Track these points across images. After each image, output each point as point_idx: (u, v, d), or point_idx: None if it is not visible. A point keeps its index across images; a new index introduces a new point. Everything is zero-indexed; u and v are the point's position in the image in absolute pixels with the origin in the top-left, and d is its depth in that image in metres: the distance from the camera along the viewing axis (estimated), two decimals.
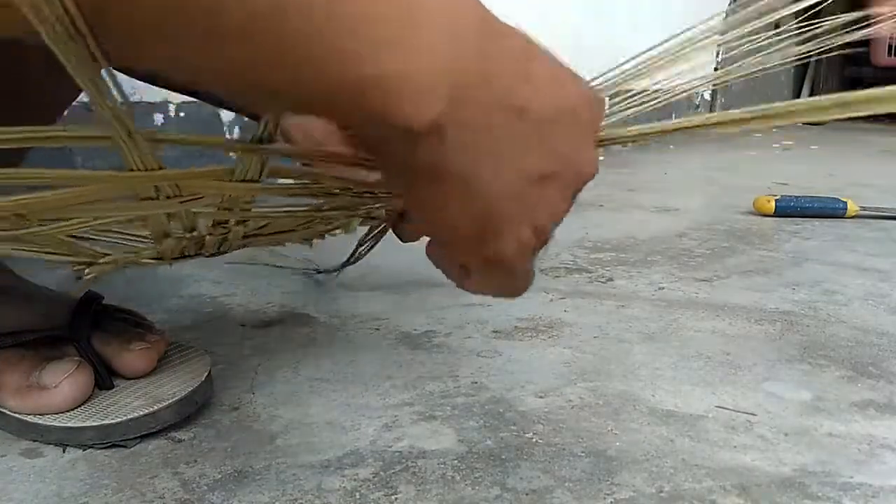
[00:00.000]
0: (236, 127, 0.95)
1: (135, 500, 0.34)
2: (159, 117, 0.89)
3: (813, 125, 2.28)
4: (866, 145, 1.82)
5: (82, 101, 0.40)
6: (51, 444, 0.39)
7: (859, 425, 0.42)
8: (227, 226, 0.37)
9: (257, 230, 0.39)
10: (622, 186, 1.19)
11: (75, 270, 0.39)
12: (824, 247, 0.82)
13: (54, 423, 0.38)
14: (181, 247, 0.37)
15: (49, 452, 0.38)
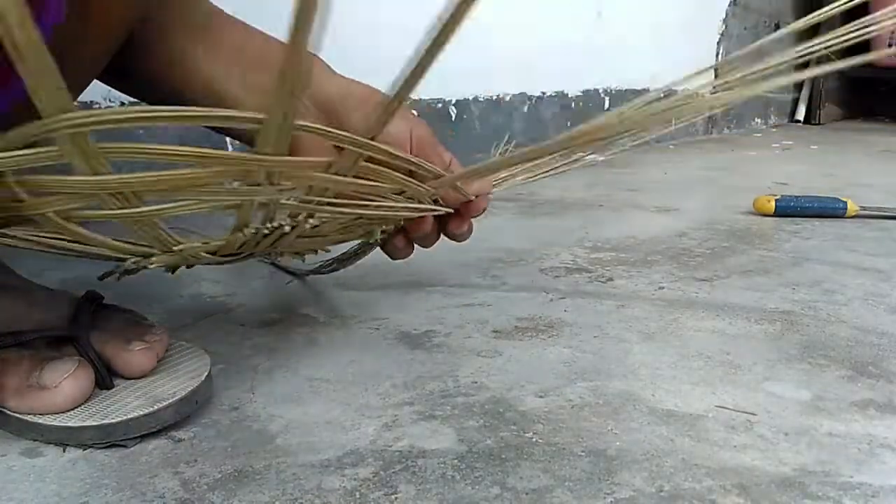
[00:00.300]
0: None
1: (135, 500, 0.34)
2: None
3: (813, 125, 2.28)
4: (866, 145, 1.82)
5: None
6: (51, 443, 0.39)
7: (859, 425, 0.42)
8: (296, 220, 0.38)
9: (310, 232, 0.40)
10: (622, 186, 1.19)
11: (134, 262, 0.41)
12: (824, 247, 0.82)
13: (54, 423, 0.38)
14: (247, 240, 0.39)
15: (49, 452, 0.38)
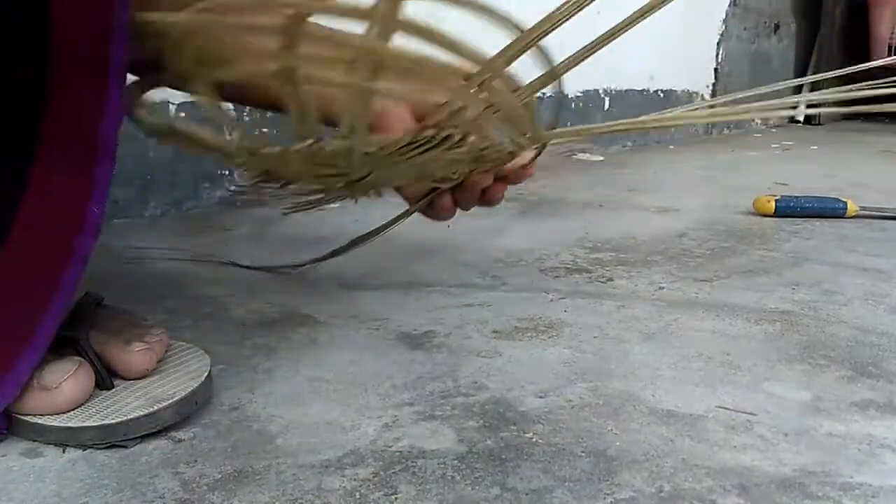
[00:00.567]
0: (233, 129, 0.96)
1: (135, 500, 0.34)
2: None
3: (813, 125, 2.28)
4: (866, 145, 1.83)
5: None
6: (51, 444, 0.39)
7: (859, 425, 0.42)
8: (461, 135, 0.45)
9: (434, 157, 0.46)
10: (622, 186, 1.19)
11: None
12: (824, 247, 0.82)
13: (54, 424, 0.38)
14: (418, 141, 0.44)
15: (49, 452, 0.38)
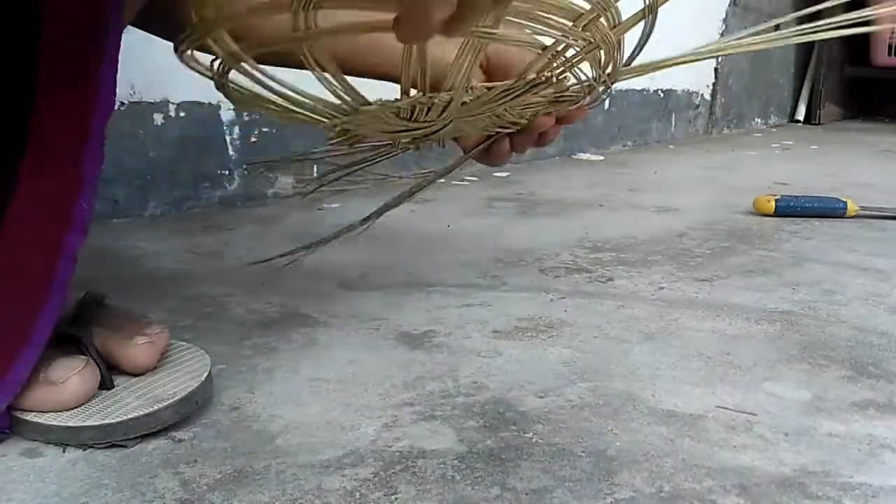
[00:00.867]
0: (235, 127, 0.95)
1: (135, 500, 0.34)
2: (159, 117, 0.89)
3: (813, 125, 2.28)
4: (866, 145, 1.83)
5: None
6: (51, 443, 0.39)
7: (859, 425, 0.42)
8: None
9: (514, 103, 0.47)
10: (622, 186, 1.19)
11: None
12: (824, 247, 0.82)
13: (54, 423, 0.38)
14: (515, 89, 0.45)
15: (49, 452, 0.38)
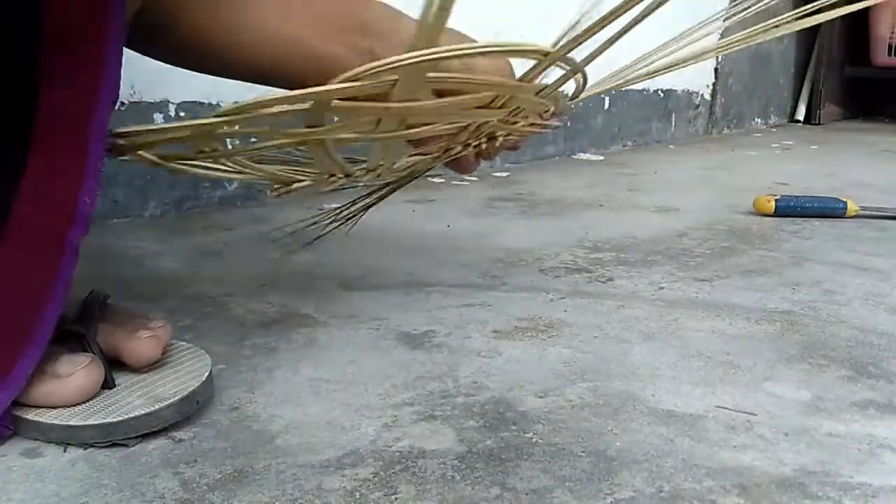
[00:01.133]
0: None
1: (135, 500, 0.34)
2: (159, 117, 0.89)
3: (813, 125, 2.28)
4: (866, 145, 1.83)
5: None
6: (52, 442, 0.39)
7: (859, 425, 0.42)
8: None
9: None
10: (622, 186, 1.19)
11: (275, 190, 0.50)
12: (824, 247, 0.82)
13: (55, 422, 0.38)
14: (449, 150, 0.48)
15: (49, 452, 0.38)
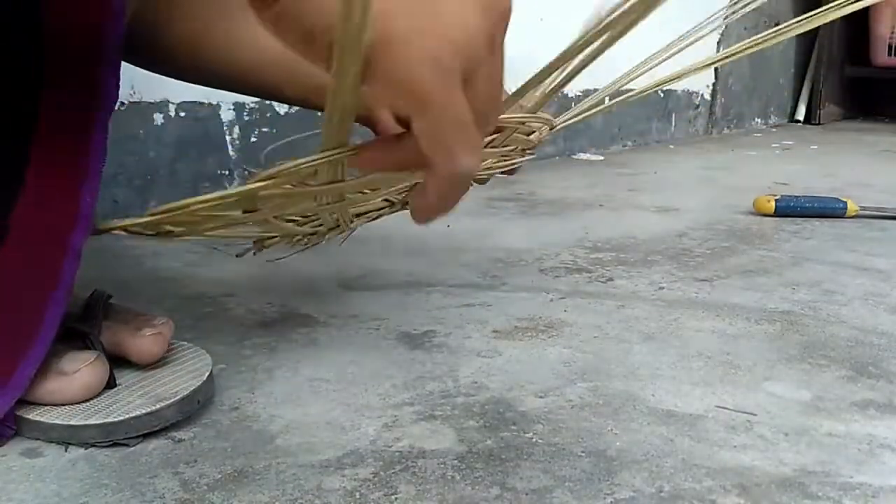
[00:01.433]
0: (236, 127, 0.95)
1: (135, 500, 0.34)
2: (159, 117, 0.89)
3: (813, 125, 2.28)
4: (866, 145, 1.82)
5: None
6: (52, 442, 0.39)
7: (859, 425, 0.42)
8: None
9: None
10: (622, 186, 1.19)
11: (256, 244, 0.51)
12: (824, 247, 0.82)
13: (56, 421, 0.38)
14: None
15: (49, 452, 0.38)
